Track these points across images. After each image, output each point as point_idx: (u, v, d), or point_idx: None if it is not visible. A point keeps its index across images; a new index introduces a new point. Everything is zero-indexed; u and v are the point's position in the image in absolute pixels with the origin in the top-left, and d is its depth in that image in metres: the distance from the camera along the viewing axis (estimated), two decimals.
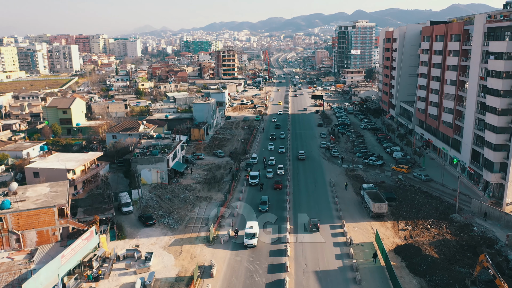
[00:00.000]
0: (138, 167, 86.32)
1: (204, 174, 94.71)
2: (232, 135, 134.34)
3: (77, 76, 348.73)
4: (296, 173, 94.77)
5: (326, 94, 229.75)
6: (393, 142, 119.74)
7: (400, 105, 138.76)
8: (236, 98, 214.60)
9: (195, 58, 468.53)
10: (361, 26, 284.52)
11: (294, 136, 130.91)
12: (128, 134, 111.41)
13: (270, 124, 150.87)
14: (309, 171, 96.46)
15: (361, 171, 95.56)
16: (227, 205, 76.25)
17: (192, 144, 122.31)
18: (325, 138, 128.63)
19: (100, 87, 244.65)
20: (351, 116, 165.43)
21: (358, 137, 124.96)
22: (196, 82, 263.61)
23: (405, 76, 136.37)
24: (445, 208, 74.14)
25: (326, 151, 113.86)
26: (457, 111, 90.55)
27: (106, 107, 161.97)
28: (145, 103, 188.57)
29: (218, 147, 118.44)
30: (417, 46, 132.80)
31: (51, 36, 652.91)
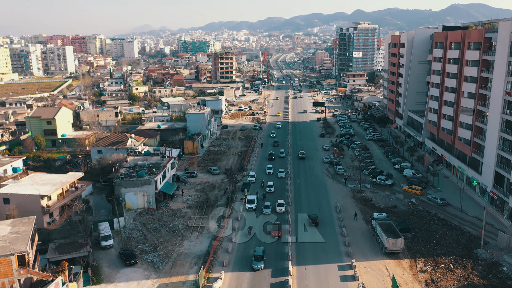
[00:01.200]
0: (122, 190, 77.43)
1: (196, 196, 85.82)
2: (229, 147, 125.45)
3: (71, 78, 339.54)
4: (298, 195, 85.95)
5: (327, 99, 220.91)
6: (402, 156, 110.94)
7: (407, 114, 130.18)
8: (233, 104, 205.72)
9: (192, 59, 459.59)
10: (363, 27, 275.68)
11: (295, 150, 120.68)
12: (115, 149, 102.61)
13: (268, 139, 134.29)
14: (312, 191, 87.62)
15: (370, 192, 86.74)
16: (221, 237, 67.46)
17: (185, 158, 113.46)
18: (328, 151, 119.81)
19: (92, 92, 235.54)
20: (355, 124, 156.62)
21: (363, 150, 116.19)
22: (193, 86, 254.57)
23: (413, 83, 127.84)
24: (467, 241, 65.41)
25: (329, 167, 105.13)
26: (477, 127, 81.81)
27: (96, 115, 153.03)
28: (138, 110, 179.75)
29: (213, 162, 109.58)
30: (426, 52, 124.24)
31: (47, 36, 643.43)
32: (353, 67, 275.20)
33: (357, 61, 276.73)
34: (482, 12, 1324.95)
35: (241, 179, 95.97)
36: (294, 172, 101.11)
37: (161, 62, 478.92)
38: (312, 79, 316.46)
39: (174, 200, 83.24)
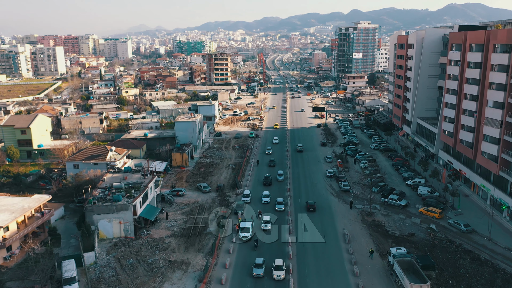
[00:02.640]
0: (94, 217, 66.31)
1: (182, 220, 74.73)
2: (222, 158, 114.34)
3: (61, 80, 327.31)
4: (299, 219, 75.06)
5: (327, 103, 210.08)
6: (413, 169, 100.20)
7: (417, 122, 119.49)
8: (228, 108, 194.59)
9: (187, 59, 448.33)
10: (363, 27, 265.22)
11: (294, 163, 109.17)
12: (93, 164, 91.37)
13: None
14: (315, 214, 76.66)
15: (381, 215, 75.93)
16: (209, 277, 56.44)
17: (173, 171, 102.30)
18: (331, 162, 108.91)
19: (80, 95, 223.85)
20: (358, 131, 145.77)
21: (370, 163, 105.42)
22: (186, 88, 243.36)
23: (423, 88, 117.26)
24: (503, 282, 54.72)
25: (333, 181, 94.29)
26: (505, 142, 71.13)
27: (78, 122, 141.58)
28: (126, 115, 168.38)
29: (203, 177, 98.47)
30: (437, 54, 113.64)
31: (38, 36, 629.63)
32: (353, 69, 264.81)
33: (357, 62, 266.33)
34: (479, 12, 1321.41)
35: (235, 198, 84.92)
36: (294, 189, 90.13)
37: (155, 62, 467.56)
38: (310, 80, 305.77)
39: (156, 226, 72.15)
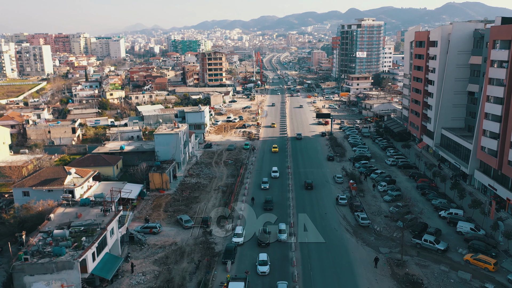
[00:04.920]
0: (26, 279, 47.80)
1: (153, 274, 56.22)
2: (211, 177, 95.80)
3: (46, 80, 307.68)
4: (307, 272, 56.81)
5: (330, 106, 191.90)
6: (442, 193, 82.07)
7: (441, 133, 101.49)
8: (221, 113, 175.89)
9: (181, 59, 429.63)
10: (368, 24, 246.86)
11: (298, 188, 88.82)
12: (46, 191, 72.85)
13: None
14: (328, 265, 58.38)
15: (415, 266, 57.58)
16: None
17: (150, 197, 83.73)
18: (341, 183, 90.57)
19: (60, 98, 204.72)
20: (368, 141, 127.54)
21: (389, 184, 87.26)
22: (177, 90, 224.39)
23: (449, 93, 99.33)
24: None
25: (346, 210, 76.11)
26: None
27: (47, 131, 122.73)
28: (106, 122, 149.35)
29: (187, 204, 79.91)
30: (467, 53, 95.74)
31: (28, 35, 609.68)
32: (357, 69, 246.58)
33: (360, 62, 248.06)
34: (477, 10, 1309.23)
35: (224, 236, 66.50)
36: (299, 222, 71.78)
37: (148, 62, 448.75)
38: (309, 80, 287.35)
39: (116, 284, 53.67)
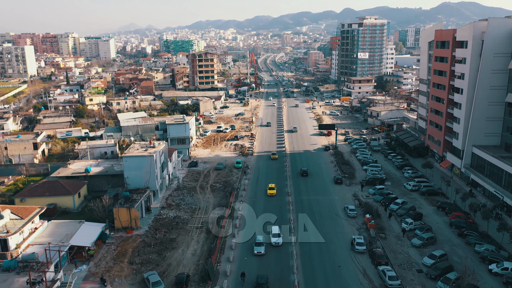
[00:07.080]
0: None
1: None
2: (193, 208, 77.82)
3: (26, 83, 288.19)
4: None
5: (331, 113, 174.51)
6: (485, 234, 64.85)
7: (472, 151, 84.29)
8: (211, 121, 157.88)
9: (172, 60, 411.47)
10: (370, 23, 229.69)
11: (301, 229, 69.96)
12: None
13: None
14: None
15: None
16: None
17: (114, 239, 65.77)
18: (355, 217, 73.03)
19: (33, 104, 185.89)
20: (379, 156, 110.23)
21: (415, 219, 69.83)
22: (164, 95, 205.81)
23: (482, 104, 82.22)
24: None
25: (365, 260, 58.64)
26: None
27: (3, 148, 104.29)
28: (79, 133, 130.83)
29: (159, 251, 61.99)
30: (506, 56, 78.65)
31: (14, 35, 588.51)
32: (358, 71, 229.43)
33: (362, 64, 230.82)
34: (473, 10, 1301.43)
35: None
36: (305, 281, 54.15)
37: (139, 63, 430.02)
38: (306, 83, 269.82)
39: None
